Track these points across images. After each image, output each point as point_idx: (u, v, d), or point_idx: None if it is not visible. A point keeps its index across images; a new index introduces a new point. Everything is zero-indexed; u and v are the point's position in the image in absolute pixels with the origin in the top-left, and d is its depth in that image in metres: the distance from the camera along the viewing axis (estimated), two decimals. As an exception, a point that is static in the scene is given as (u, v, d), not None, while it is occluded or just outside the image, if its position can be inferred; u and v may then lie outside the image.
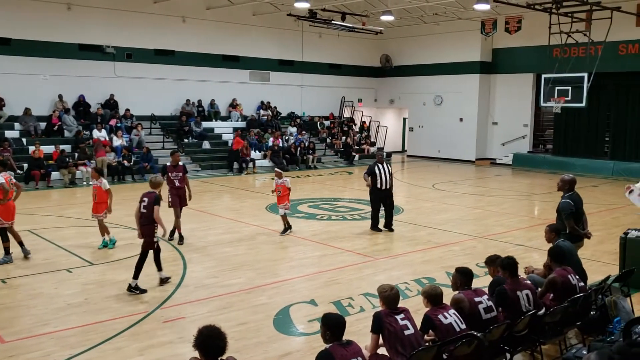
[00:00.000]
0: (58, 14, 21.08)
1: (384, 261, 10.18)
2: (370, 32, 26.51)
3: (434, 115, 29.34)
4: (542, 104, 21.95)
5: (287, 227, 11.98)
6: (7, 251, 9.63)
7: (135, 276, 8.08)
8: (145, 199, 8.21)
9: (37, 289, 8.26)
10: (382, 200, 12.24)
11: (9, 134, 19.83)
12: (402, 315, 4.91)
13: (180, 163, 11.56)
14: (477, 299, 5.47)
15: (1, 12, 19.85)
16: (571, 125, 25.28)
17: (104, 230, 10.58)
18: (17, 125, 20.43)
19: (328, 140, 27.76)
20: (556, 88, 20.70)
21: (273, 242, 11.34)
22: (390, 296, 5.00)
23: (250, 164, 23.12)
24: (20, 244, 9.77)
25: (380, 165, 12.10)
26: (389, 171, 12.20)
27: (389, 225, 12.38)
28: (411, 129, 31.12)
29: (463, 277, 5.68)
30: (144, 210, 8.16)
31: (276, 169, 12.58)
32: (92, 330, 6.71)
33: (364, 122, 30.75)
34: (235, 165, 22.97)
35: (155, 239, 8.26)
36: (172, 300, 7.85)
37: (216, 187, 19.41)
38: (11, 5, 19.97)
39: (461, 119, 28.19)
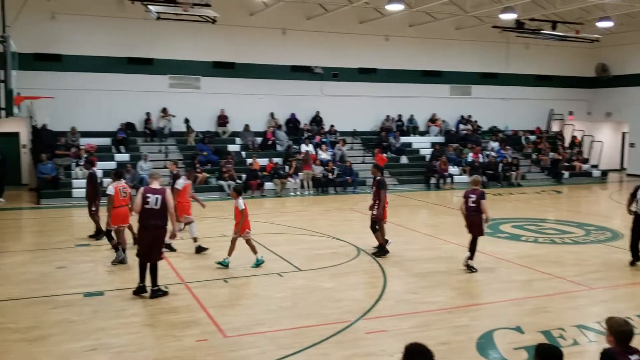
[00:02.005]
0: (274, 39, 23.12)
1: (601, 291, 9.21)
2: (584, 41, 24.44)
3: (660, 129, 25.95)
4: None
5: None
6: (116, 249, 10.41)
7: (471, 257, 10.09)
8: (473, 195, 10.04)
9: (252, 290, 9.05)
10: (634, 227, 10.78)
11: (231, 147, 22.22)
12: (636, 356, 4.34)
13: (378, 177, 11.53)
14: None
15: (226, 39, 22.38)
16: None
17: (252, 248, 10.26)
18: (237, 140, 22.81)
19: (533, 156, 26.14)
20: None
21: (474, 262, 10.93)
22: (625, 331, 4.42)
23: (448, 180, 22.74)
24: (123, 250, 10.37)
25: None
26: None
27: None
28: (632, 145, 27.90)
29: None
30: (473, 205, 9.98)
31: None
32: (300, 334, 7.12)
33: (575, 136, 28.39)
34: (433, 180, 22.78)
35: (484, 228, 10.14)
36: (374, 311, 8.00)
37: (413, 202, 19.44)
38: (235, 34, 22.39)
39: (696, 134, 24.51)
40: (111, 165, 19.64)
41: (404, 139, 24.99)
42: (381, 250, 11.27)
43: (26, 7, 16.70)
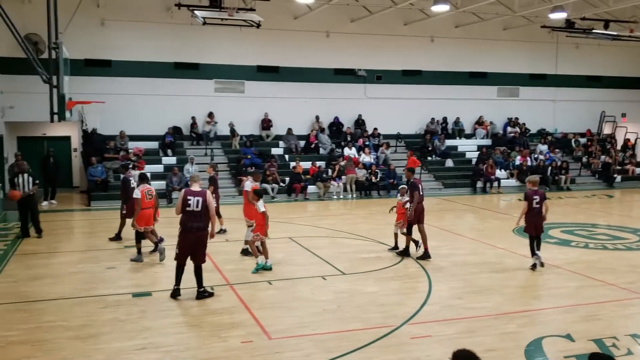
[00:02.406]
0: (318, 42, 23.20)
1: (657, 300, 8.85)
2: (639, 40, 23.59)
3: None
4: None
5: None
6: (139, 251, 10.95)
7: (532, 255, 10.43)
8: (537, 197, 10.31)
9: (297, 293, 9.06)
10: None
11: (274, 151, 22.41)
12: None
13: (411, 180, 11.29)
14: None
15: (271, 43, 22.54)
16: None
17: (254, 252, 10.29)
18: (281, 143, 22.98)
19: (584, 160, 25.36)
20: None
21: (521, 268, 10.66)
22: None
23: (495, 183, 22.31)
24: (155, 244, 10.95)
25: None
26: None
27: None
28: (689, 148, 26.74)
29: None
30: (537, 206, 10.29)
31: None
32: (344, 337, 7.09)
33: (628, 139, 27.42)
34: (479, 184, 22.40)
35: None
36: (418, 316, 7.90)
37: (459, 205, 19.14)
38: (280, 37, 22.55)
39: None
40: (159, 168, 20.11)
41: (449, 142, 24.66)
42: (406, 252, 11.36)
43: (77, 14, 17.24)
